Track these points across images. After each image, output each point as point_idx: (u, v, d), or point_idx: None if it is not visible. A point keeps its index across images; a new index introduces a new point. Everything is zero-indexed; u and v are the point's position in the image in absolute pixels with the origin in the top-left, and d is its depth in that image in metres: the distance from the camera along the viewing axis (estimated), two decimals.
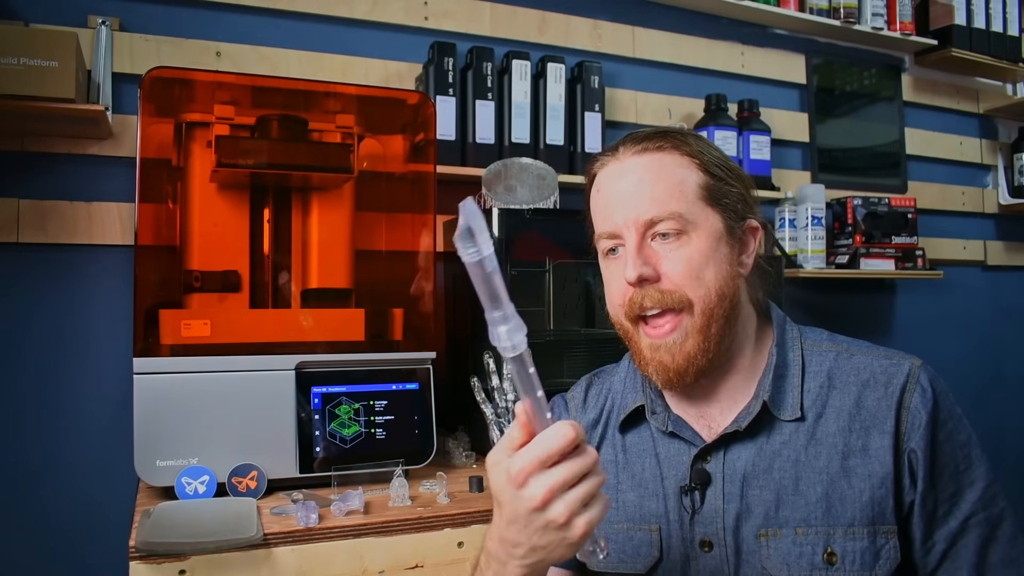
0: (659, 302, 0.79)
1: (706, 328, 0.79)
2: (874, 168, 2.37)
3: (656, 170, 0.81)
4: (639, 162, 0.82)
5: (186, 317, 1.27)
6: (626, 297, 0.81)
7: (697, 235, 0.79)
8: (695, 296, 0.78)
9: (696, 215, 0.80)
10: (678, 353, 0.79)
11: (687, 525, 0.82)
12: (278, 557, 1.05)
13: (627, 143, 0.84)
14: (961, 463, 0.78)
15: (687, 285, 0.78)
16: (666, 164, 0.81)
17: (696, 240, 0.79)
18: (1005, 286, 2.62)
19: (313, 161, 1.39)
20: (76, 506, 1.48)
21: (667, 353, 0.79)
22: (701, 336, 0.79)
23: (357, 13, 1.74)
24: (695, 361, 0.79)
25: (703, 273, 0.79)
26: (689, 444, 0.83)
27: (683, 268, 0.79)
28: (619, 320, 0.84)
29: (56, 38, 1.29)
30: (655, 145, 0.82)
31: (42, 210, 1.48)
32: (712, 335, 0.79)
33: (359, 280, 1.47)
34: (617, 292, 0.82)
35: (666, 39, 2.08)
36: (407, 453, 1.30)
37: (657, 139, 0.83)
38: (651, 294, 0.79)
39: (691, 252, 0.79)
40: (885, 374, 0.81)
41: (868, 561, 0.75)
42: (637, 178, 0.81)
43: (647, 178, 0.80)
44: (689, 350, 0.79)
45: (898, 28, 2.24)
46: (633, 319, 0.81)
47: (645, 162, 0.82)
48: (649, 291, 0.79)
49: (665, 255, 0.79)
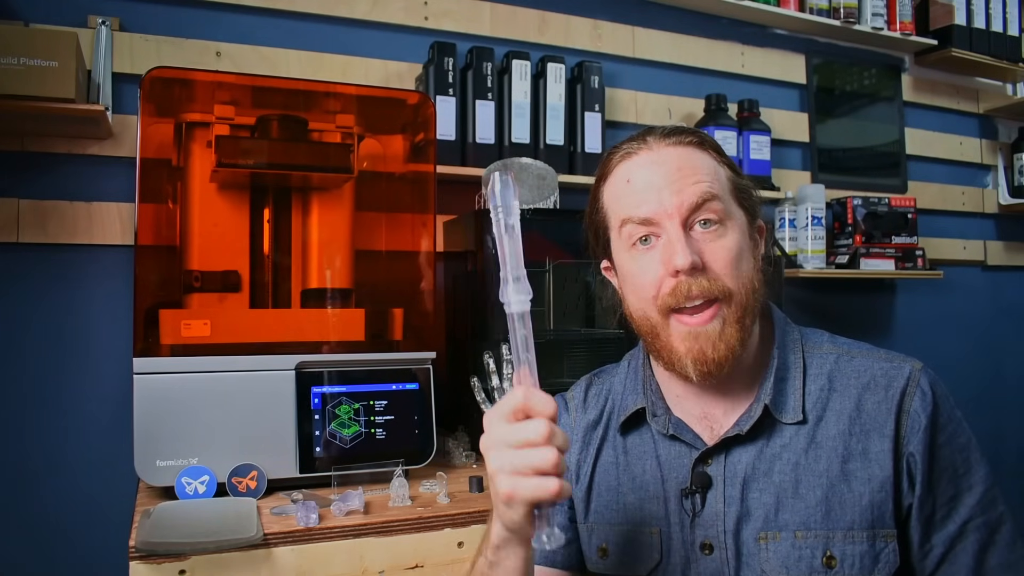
0: (706, 290, 0.77)
1: (743, 319, 0.78)
2: (874, 168, 2.37)
3: (694, 160, 0.81)
4: (675, 152, 0.81)
5: (186, 317, 1.27)
6: (662, 288, 0.78)
7: (732, 226, 0.80)
8: (735, 286, 0.78)
9: (731, 206, 0.81)
10: (719, 341, 0.77)
11: (687, 528, 0.81)
12: (278, 557, 1.05)
13: (656, 135, 0.83)
14: (960, 467, 0.78)
15: (728, 275, 0.78)
16: (700, 156, 0.82)
17: (732, 232, 0.80)
18: (1005, 286, 2.62)
19: (313, 161, 1.39)
20: (76, 506, 1.48)
21: (707, 341, 0.77)
22: (739, 326, 0.78)
23: (357, 13, 1.74)
24: (733, 351, 0.78)
25: (740, 265, 0.79)
26: (690, 447, 0.83)
27: (725, 257, 0.78)
28: (646, 314, 0.81)
29: (56, 38, 1.29)
30: (687, 139, 0.83)
31: (42, 210, 1.48)
32: (747, 327, 0.79)
33: (359, 280, 1.47)
34: (651, 283, 0.79)
35: (666, 39, 2.08)
36: (407, 453, 1.30)
37: (688, 134, 0.83)
38: (700, 282, 0.77)
39: (729, 243, 0.79)
40: (885, 377, 0.80)
41: (867, 565, 0.75)
42: (675, 166, 0.80)
43: (686, 167, 0.80)
44: (729, 339, 0.78)
45: (898, 28, 2.24)
46: (665, 311, 0.79)
47: (681, 153, 0.81)
48: (699, 279, 0.77)
49: (706, 245, 0.78)
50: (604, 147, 1.86)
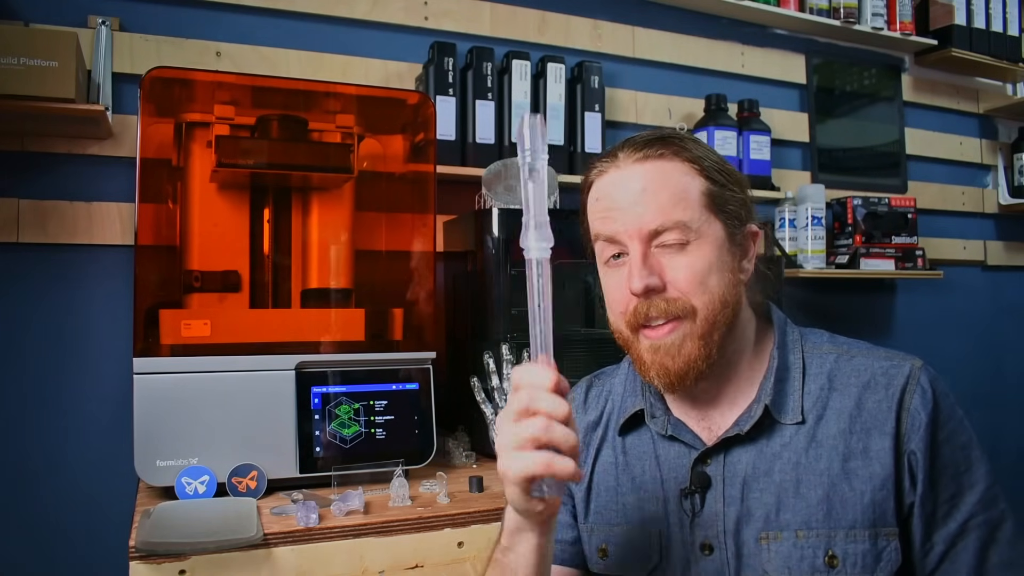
0: (664, 312, 0.78)
1: (708, 335, 0.78)
2: (874, 168, 2.37)
3: (659, 178, 0.79)
4: (641, 170, 0.80)
5: (186, 317, 1.27)
6: (629, 306, 0.80)
7: (701, 243, 0.78)
8: (699, 303, 0.78)
9: (700, 223, 0.78)
10: (678, 356, 0.78)
11: (687, 528, 0.81)
12: (278, 557, 1.05)
13: (626, 149, 0.82)
14: (961, 465, 0.78)
15: (692, 293, 0.78)
16: (668, 172, 0.80)
17: (700, 248, 0.78)
18: (1005, 286, 2.62)
19: (313, 161, 1.39)
20: (76, 506, 1.48)
21: (667, 355, 0.78)
22: (702, 342, 0.78)
23: (357, 13, 1.74)
24: (695, 365, 0.79)
25: (707, 280, 0.78)
26: (689, 447, 0.83)
27: (688, 276, 0.78)
28: (619, 328, 0.83)
29: (56, 38, 1.29)
30: (656, 152, 0.80)
31: (42, 210, 1.48)
32: (714, 342, 0.79)
33: (359, 280, 1.47)
34: (619, 300, 0.81)
35: (666, 39, 2.08)
36: (407, 453, 1.30)
37: (657, 145, 0.81)
38: (656, 303, 0.78)
39: (695, 260, 0.78)
40: (885, 376, 0.80)
41: (869, 563, 0.75)
42: (640, 187, 0.79)
43: (650, 187, 0.79)
44: (688, 353, 0.78)
45: (898, 28, 2.24)
46: (634, 327, 0.80)
47: (647, 170, 0.80)
48: (655, 301, 0.78)
49: (669, 263, 0.78)
50: (604, 147, 1.87)
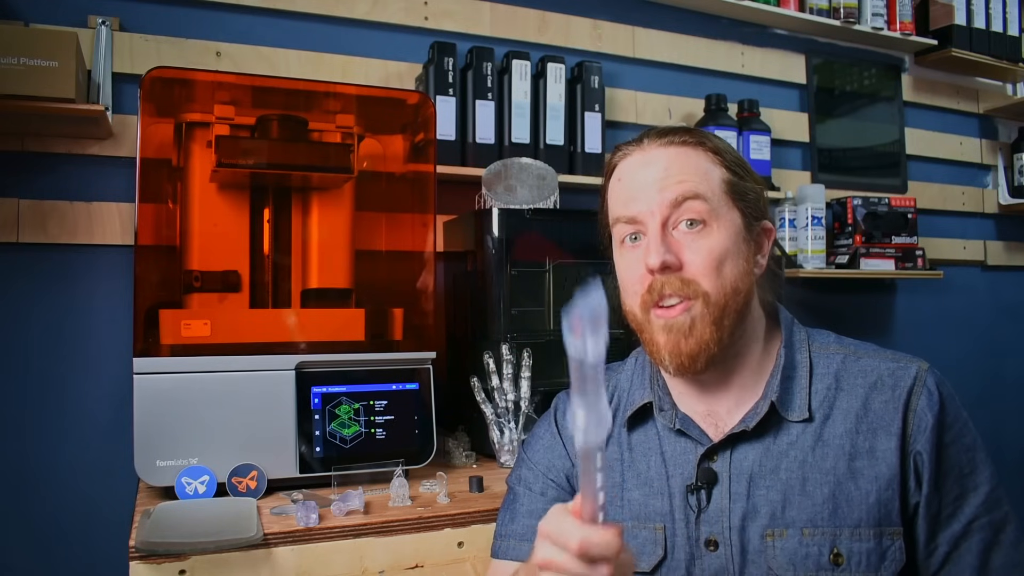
0: (679, 290, 0.79)
1: (719, 320, 0.79)
2: (874, 168, 2.37)
3: (682, 160, 0.82)
4: (664, 153, 0.83)
5: (186, 317, 1.27)
6: (644, 284, 0.80)
7: (719, 227, 0.80)
8: (712, 288, 0.79)
9: (719, 207, 0.80)
10: (690, 336, 0.79)
11: (692, 524, 0.82)
12: (278, 557, 1.05)
13: (651, 136, 0.85)
14: (966, 466, 0.78)
15: (706, 275, 0.79)
16: (691, 156, 0.82)
17: (718, 232, 0.80)
18: (1005, 286, 2.62)
19: (313, 161, 1.39)
20: (76, 506, 1.48)
21: (679, 333, 0.79)
22: (715, 326, 0.79)
23: (357, 13, 1.74)
24: (707, 348, 0.79)
25: (722, 266, 0.79)
26: (696, 443, 0.84)
27: (704, 258, 0.79)
28: (632, 310, 0.84)
29: (56, 38, 1.28)
30: (680, 139, 0.83)
31: (42, 210, 1.48)
32: (725, 327, 0.80)
33: (359, 280, 1.47)
34: (634, 280, 0.82)
35: (666, 39, 2.08)
36: (407, 453, 1.30)
37: (682, 133, 0.84)
38: (672, 281, 0.79)
39: (713, 244, 0.79)
40: (892, 377, 0.81)
41: (874, 562, 0.75)
42: (663, 166, 0.81)
43: (673, 167, 0.81)
44: (700, 334, 0.79)
45: (898, 28, 2.24)
46: (646, 307, 0.81)
47: (671, 153, 0.82)
48: (670, 279, 0.79)
49: (687, 244, 0.80)
50: (604, 147, 1.87)
